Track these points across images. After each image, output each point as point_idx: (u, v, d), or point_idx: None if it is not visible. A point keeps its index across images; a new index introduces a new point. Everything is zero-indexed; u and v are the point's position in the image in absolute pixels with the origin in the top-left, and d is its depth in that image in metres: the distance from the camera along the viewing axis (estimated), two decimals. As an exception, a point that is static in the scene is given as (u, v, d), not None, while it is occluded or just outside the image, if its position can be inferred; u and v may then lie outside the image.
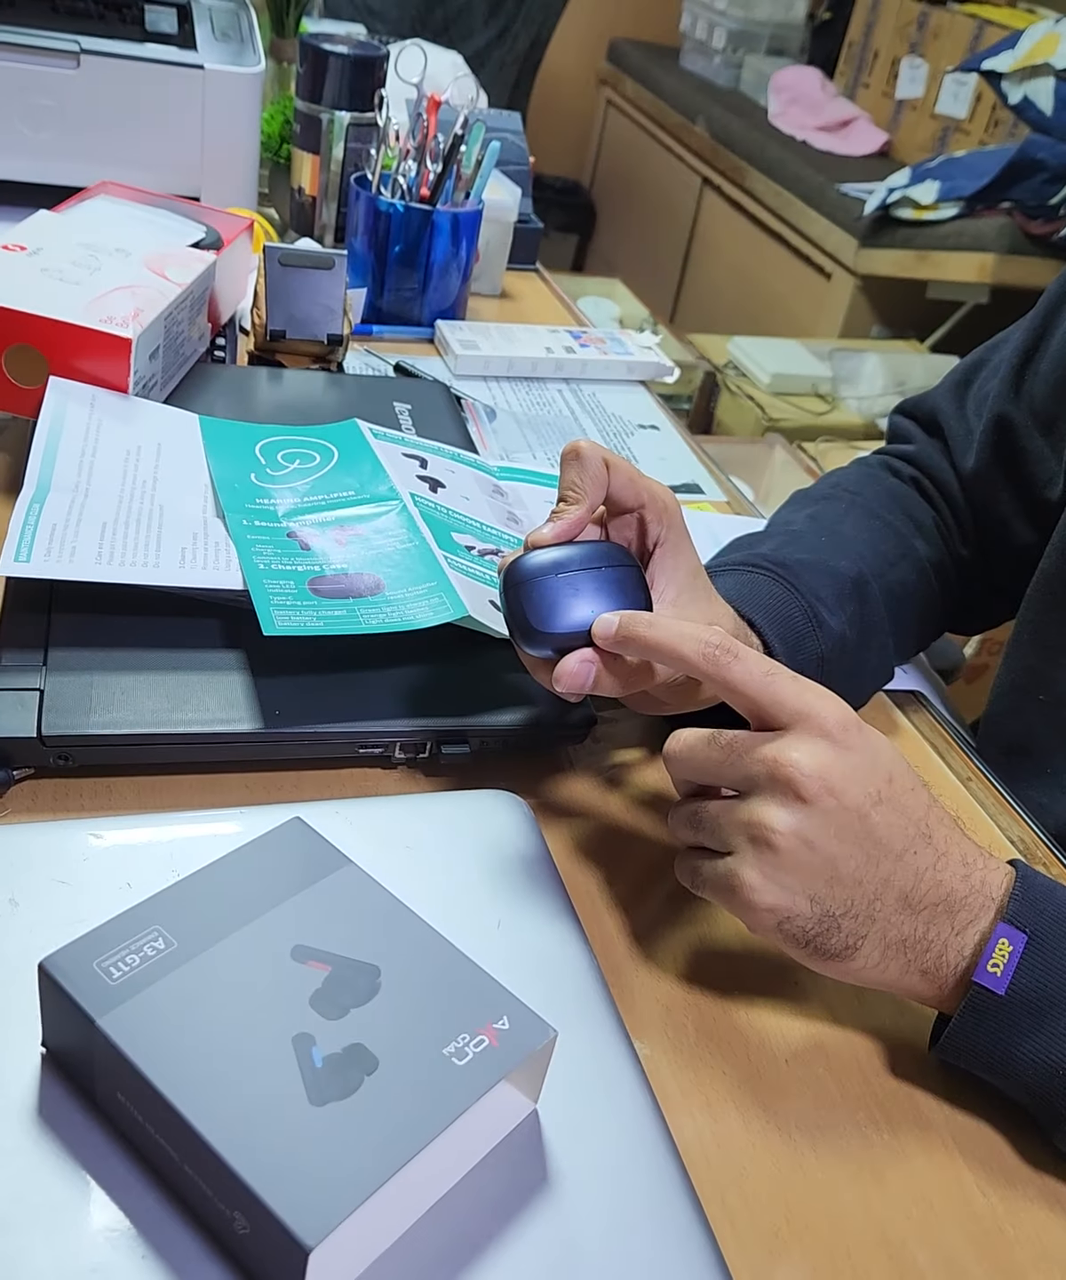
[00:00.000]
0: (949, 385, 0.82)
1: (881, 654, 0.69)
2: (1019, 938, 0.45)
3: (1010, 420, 0.74)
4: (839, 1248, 0.42)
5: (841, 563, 0.68)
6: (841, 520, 0.74)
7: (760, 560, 0.66)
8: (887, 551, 0.72)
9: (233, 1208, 0.35)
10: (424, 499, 0.70)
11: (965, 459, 0.78)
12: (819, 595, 0.64)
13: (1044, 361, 0.73)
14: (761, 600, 0.62)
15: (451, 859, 0.52)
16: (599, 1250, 0.38)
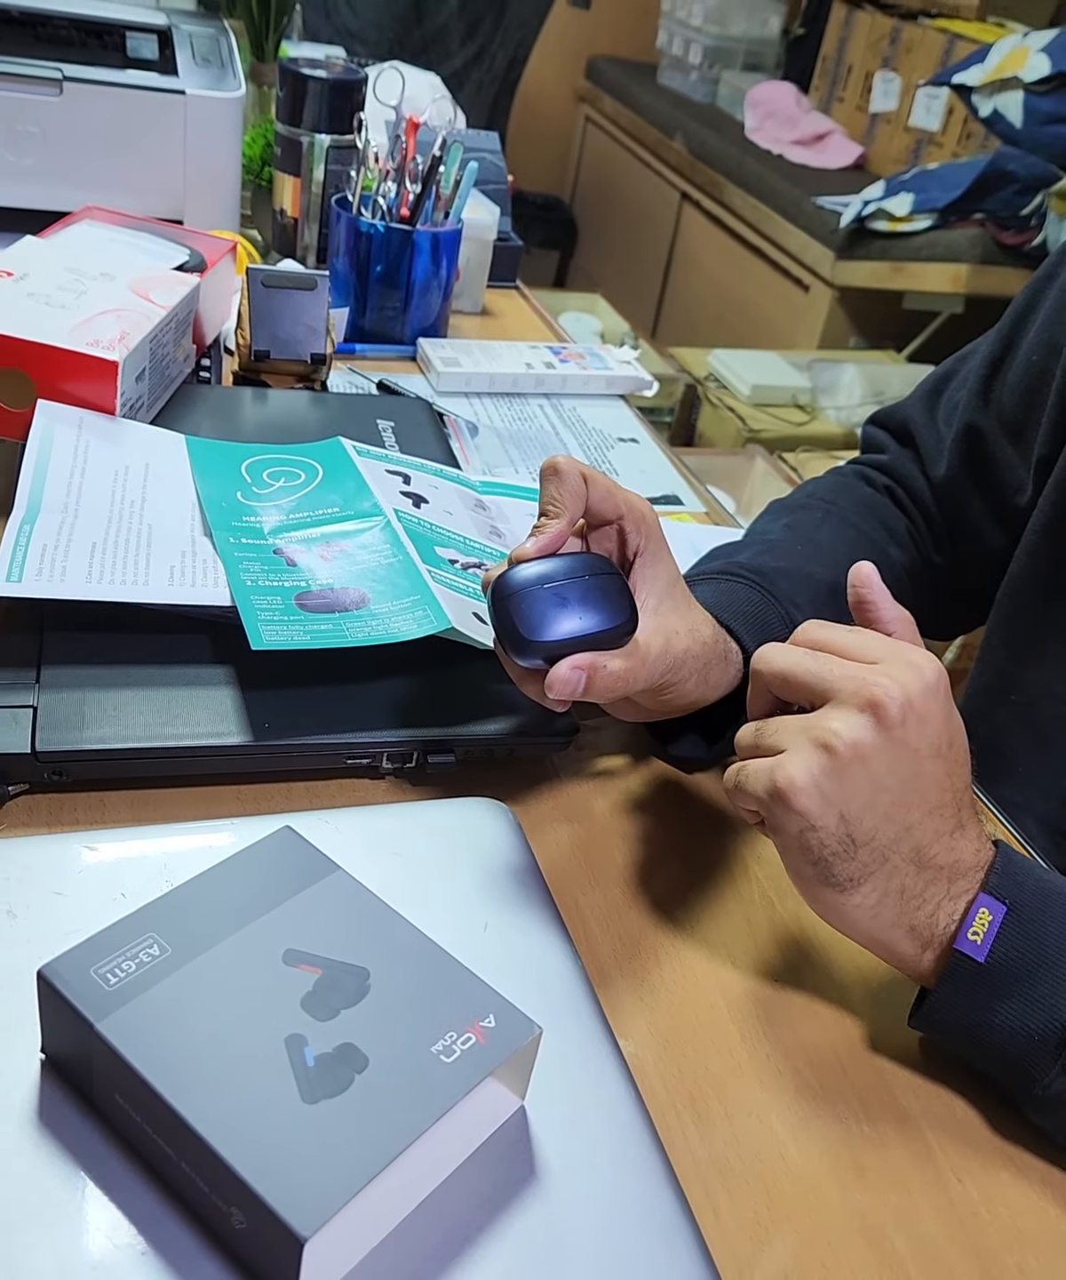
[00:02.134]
0: (920, 395, 0.83)
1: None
2: (998, 908, 0.47)
3: (979, 429, 0.76)
4: (820, 1235, 0.43)
5: (817, 569, 0.70)
6: (817, 528, 0.75)
7: (737, 569, 0.68)
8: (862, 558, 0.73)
9: (230, 1203, 0.36)
10: (407, 514, 0.72)
11: (936, 467, 0.79)
12: (795, 601, 0.66)
13: (1011, 371, 0.75)
14: (738, 607, 0.64)
15: (438, 865, 0.53)
16: (586, 1242, 0.40)
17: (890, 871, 0.47)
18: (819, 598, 0.67)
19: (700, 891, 0.57)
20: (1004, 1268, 0.43)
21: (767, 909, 0.57)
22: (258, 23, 1.40)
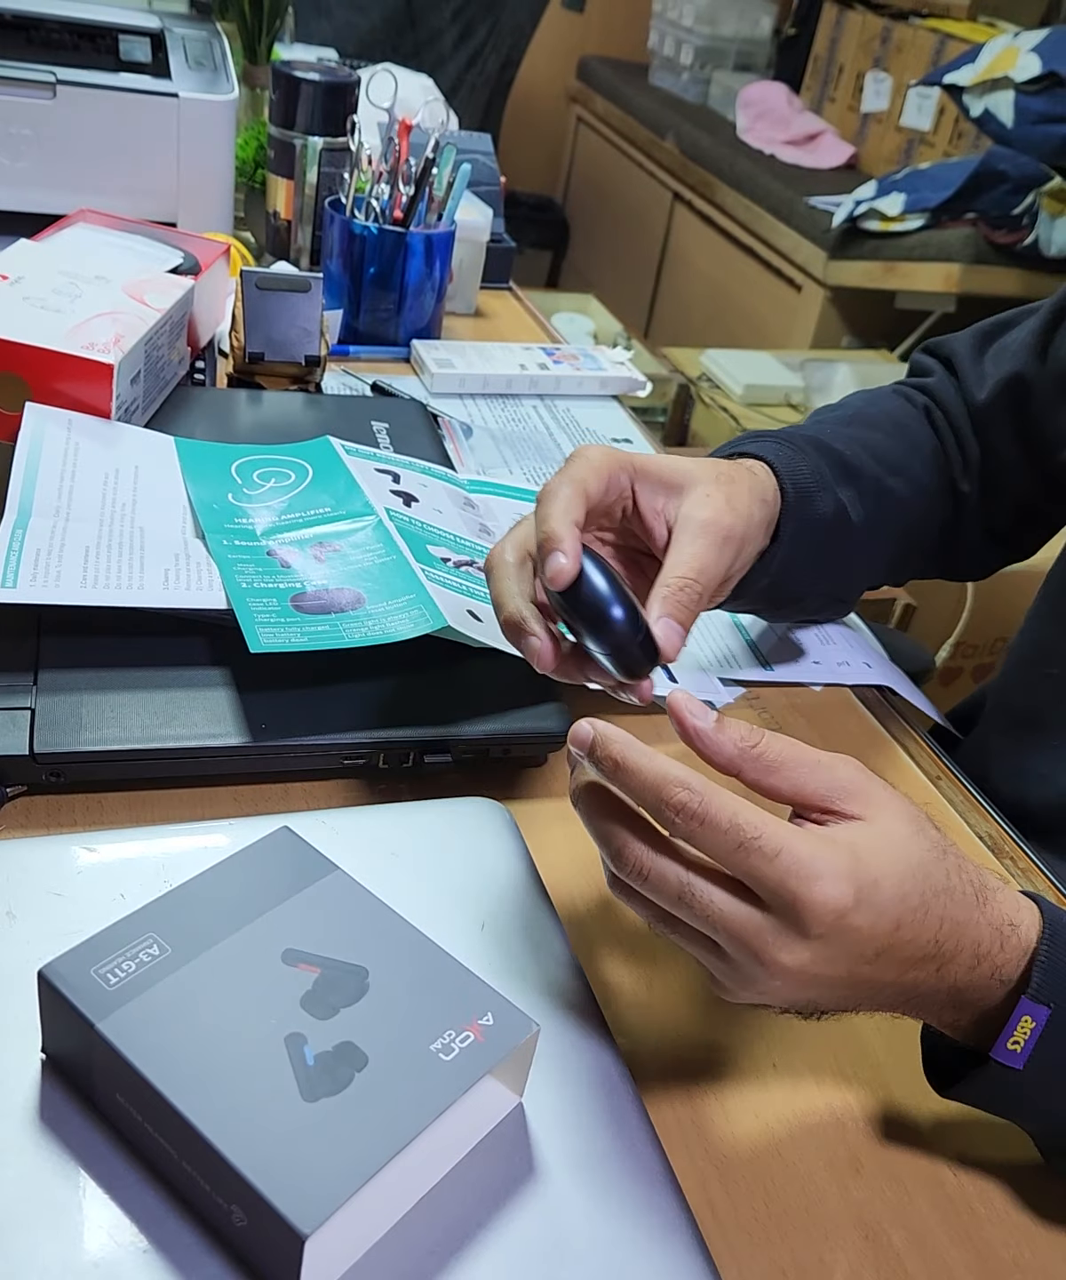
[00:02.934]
0: (971, 333, 0.82)
1: (871, 550, 0.71)
2: (1041, 1012, 0.42)
3: (1027, 380, 0.74)
4: (816, 1231, 0.43)
5: (847, 451, 0.70)
6: (847, 424, 0.75)
7: (774, 433, 0.69)
8: (888, 459, 0.73)
9: (230, 1201, 0.36)
10: (399, 513, 0.72)
11: (976, 394, 0.77)
12: (828, 465, 0.67)
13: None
14: (777, 454, 0.64)
15: (436, 865, 0.53)
16: (585, 1237, 0.40)
17: (878, 1005, 0.44)
18: (847, 473, 0.69)
19: (696, 889, 0.58)
20: (1000, 1262, 0.43)
21: (763, 906, 0.57)
22: (250, 25, 1.40)
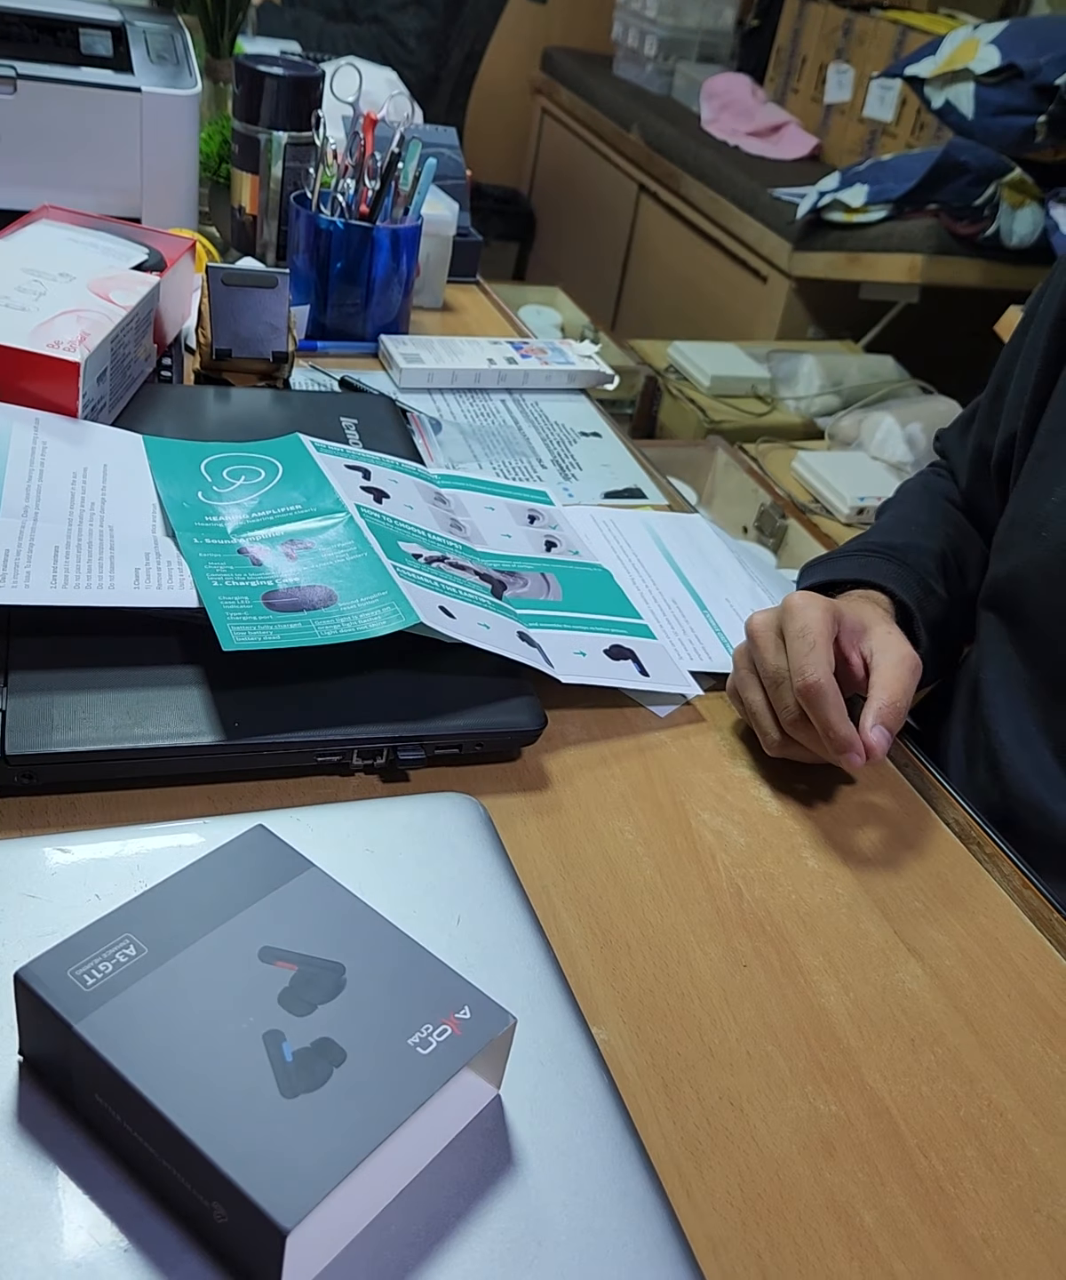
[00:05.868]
0: (958, 420, 0.96)
1: (965, 619, 0.84)
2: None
3: (989, 448, 0.86)
4: (790, 1214, 0.44)
5: (928, 543, 0.83)
6: (917, 511, 0.90)
7: (872, 546, 0.82)
8: (954, 533, 0.87)
9: (211, 1198, 0.37)
10: (369, 510, 0.72)
11: (961, 480, 0.92)
12: (927, 569, 0.80)
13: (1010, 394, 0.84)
14: (886, 574, 0.77)
15: (410, 860, 0.53)
16: (563, 1226, 0.40)
17: None
18: (937, 564, 0.82)
19: (669, 881, 0.58)
20: (969, 1238, 0.44)
21: (736, 897, 0.58)
22: (212, 19, 1.39)
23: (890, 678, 0.64)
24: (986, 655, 0.79)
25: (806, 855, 0.61)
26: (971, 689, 0.80)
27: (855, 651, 0.67)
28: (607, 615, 0.75)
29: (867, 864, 0.61)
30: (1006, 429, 0.82)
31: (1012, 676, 0.76)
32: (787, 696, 0.64)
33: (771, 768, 0.67)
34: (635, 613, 0.77)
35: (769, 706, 0.66)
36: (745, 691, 0.68)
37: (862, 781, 0.67)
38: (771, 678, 0.65)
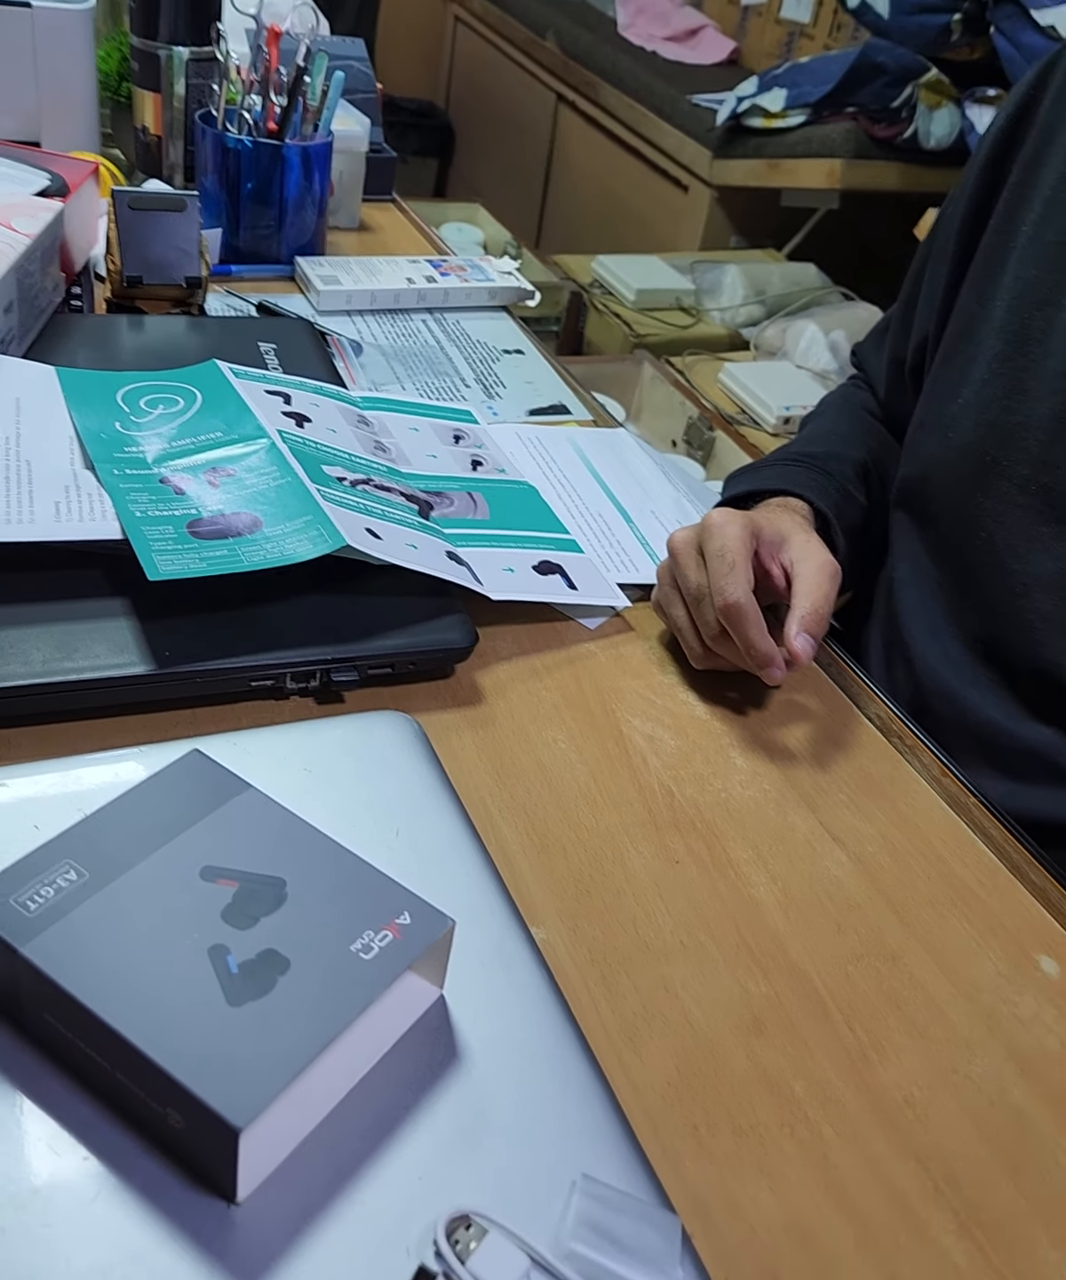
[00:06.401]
0: (873, 331, 0.96)
1: (885, 525, 0.85)
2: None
3: (902, 359, 0.87)
4: (725, 1088, 0.46)
5: (849, 451, 0.85)
6: (837, 422, 0.91)
7: (793, 456, 0.84)
8: (874, 443, 0.89)
9: (165, 1105, 0.38)
10: (291, 435, 0.72)
11: (878, 391, 0.93)
12: (846, 476, 0.82)
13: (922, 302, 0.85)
14: (805, 483, 0.79)
15: (348, 778, 0.55)
16: (508, 1112, 0.42)
17: None
18: (856, 472, 0.84)
19: (602, 785, 0.60)
20: (892, 1100, 0.47)
21: (667, 797, 0.60)
22: (100, -72, 1.33)
23: (811, 585, 0.66)
24: (898, 555, 0.81)
25: (734, 755, 0.63)
26: (887, 588, 0.82)
27: (775, 563, 0.68)
28: (535, 531, 0.76)
29: (793, 760, 0.63)
30: (918, 334, 0.83)
31: (922, 574, 0.78)
32: (709, 613, 0.65)
33: (699, 674, 0.68)
34: (562, 528, 0.77)
35: (692, 622, 0.67)
36: (669, 608, 0.69)
37: (788, 683, 0.69)
38: (693, 595, 0.66)
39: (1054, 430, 0.70)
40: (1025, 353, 0.72)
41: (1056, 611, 0.70)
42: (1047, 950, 0.54)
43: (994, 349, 0.74)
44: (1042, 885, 0.58)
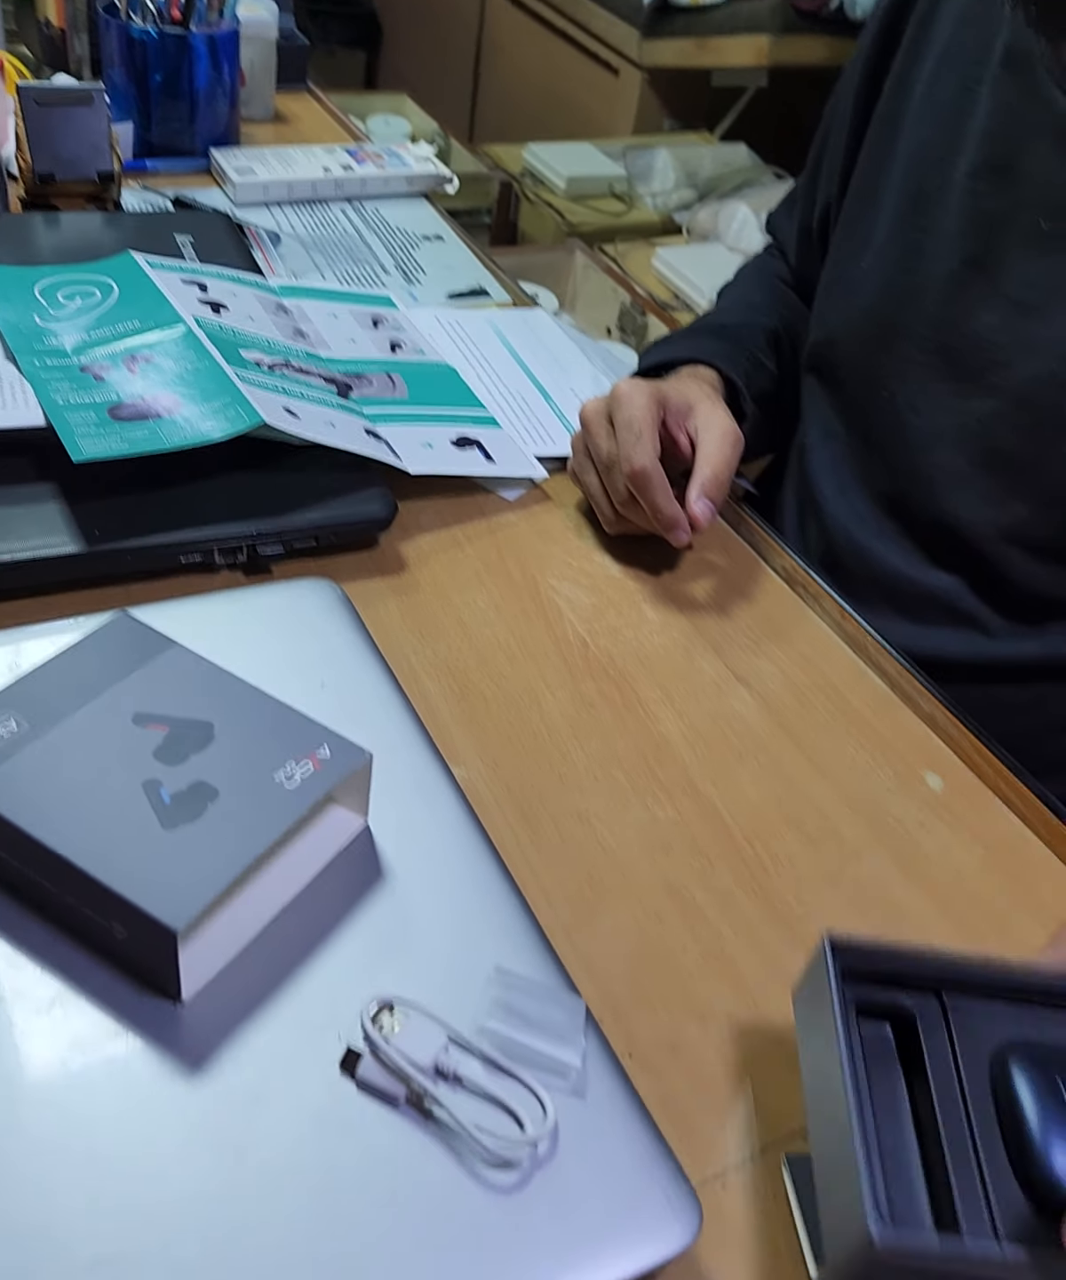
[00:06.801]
0: (785, 201, 0.97)
1: (798, 392, 0.86)
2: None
3: (810, 226, 0.89)
4: (633, 899, 0.51)
5: (761, 319, 0.87)
6: (751, 292, 0.94)
7: (708, 326, 0.86)
8: (786, 311, 0.90)
9: (110, 918, 0.42)
10: (207, 321, 0.74)
11: (790, 258, 0.94)
12: (756, 344, 0.84)
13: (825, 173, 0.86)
14: (715, 352, 0.80)
15: (275, 640, 0.58)
16: (430, 922, 0.46)
17: None
18: (767, 340, 0.86)
19: (521, 640, 0.63)
20: (784, 902, 0.51)
21: (582, 648, 0.63)
22: None
23: (712, 452, 0.69)
24: (809, 418, 0.83)
25: (646, 609, 0.67)
26: (799, 451, 0.85)
27: (682, 431, 0.71)
28: (453, 409, 0.78)
29: (702, 611, 0.67)
30: (823, 200, 0.84)
31: (832, 435, 0.81)
32: (619, 480, 0.68)
33: (613, 538, 0.71)
34: (480, 405, 0.80)
35: (604, 488, 0.70)
36: (582, 475, 0.72)
37: (698, 541, 0.72)
38: (604, 463, 0.69)
39: (949, 289, 0.72)
40: (922, 213, 0.74)
41: (954, 464, 0.73)
42: (933, 768, 0.59)
43: (892, 211, 0.76)
44: (932, 712, 0.62)
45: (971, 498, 0.72)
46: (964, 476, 0.73)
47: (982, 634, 0.74)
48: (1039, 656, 0.73)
